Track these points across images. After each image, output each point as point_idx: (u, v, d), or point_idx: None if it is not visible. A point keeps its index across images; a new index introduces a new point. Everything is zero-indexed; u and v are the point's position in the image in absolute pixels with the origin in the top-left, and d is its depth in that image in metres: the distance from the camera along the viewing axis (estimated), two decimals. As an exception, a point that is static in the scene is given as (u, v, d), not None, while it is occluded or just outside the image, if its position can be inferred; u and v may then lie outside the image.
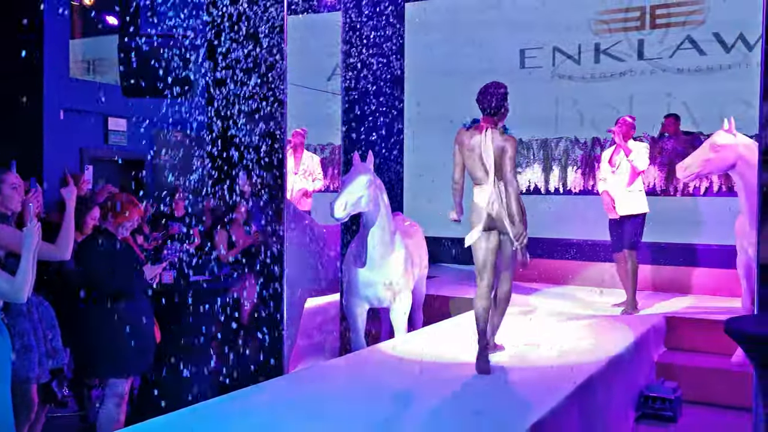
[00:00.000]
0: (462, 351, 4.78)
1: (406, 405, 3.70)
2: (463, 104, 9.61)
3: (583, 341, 5.09)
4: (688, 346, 5.98)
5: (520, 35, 9.62)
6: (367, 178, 4.96)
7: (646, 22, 9.12)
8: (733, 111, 8.05)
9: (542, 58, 9.63)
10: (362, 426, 3.36)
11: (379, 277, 5.24)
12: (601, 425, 4.26)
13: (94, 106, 8.76)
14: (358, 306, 5.37)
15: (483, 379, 4.17)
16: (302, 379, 4.33)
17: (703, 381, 5.45)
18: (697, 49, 8.81)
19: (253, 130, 5.26)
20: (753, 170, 5.32)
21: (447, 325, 5.81)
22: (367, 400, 3.75)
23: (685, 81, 8.80)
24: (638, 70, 9.14)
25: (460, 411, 3.61)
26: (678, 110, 8.36)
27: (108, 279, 4.00)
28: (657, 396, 5.08)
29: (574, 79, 9.45)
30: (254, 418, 3.50)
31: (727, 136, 5.58)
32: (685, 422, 5.10)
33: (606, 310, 6.35)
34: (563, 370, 4.33)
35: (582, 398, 3.96)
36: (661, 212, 7.24)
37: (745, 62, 8.46)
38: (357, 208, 4.93)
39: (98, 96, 8.75)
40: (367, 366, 4.58)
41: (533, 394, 3.84)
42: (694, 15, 8.84)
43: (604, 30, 9.34)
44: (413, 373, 4.32)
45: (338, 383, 4.15)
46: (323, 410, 3.61)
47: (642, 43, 9.13)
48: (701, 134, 7.45)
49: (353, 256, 5.35)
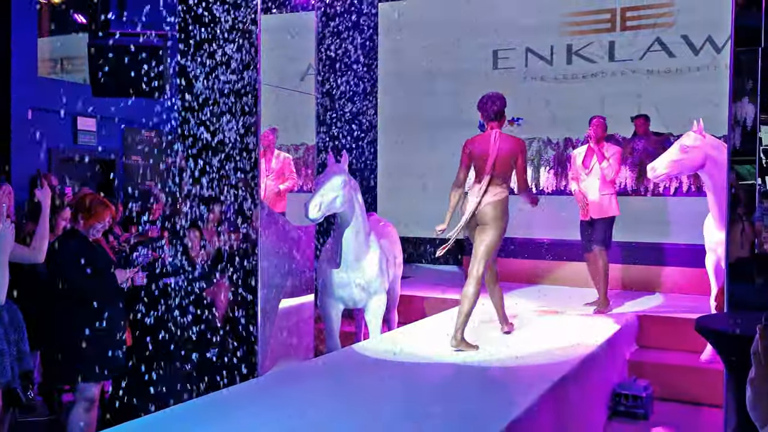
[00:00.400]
0: (437, 351, 4.79)
1: (381, 406, 3.70)
2: (436, 104, 9.69)
3: (556, 340, 5.13)
4: (659, 344, 6.06)
5: (493, 36, 9.67)
6: (342, 179, 4.95)
7: (616, 24, 9.23)
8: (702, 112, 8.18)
9: (515, 59, 9.70)
10: (337, 427, 3.34)
11: (354, 277, 5.23)
12: (574, 423, 4.30)
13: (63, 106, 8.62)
14: (332, 307, 5.36)
15: (458, 379, 4.18)
16: (277, 381, 4.30)
17: (674, 378, 5.53)
18: (667, 51, 8.93)
19: (225, 130, 5.22)
20: (721, 171, 5.41)
21: (422, 325, 5.82)
22: (342, 401, 3.74)
23: (655, 82, 8.92)
24: (609, 71, 9.24)
25: (436, 411, 3.61)
26: (648, 111, 8.47)
27: (78, 281, 3.93)
28: (629, 394, 5.14)
29: (547, 80, 9.52)
30: (229, 420, 3.47)
31: (696, 137, 5.67)
32: (656, 419, 5.17)
33: (579, 310, 6.41)
34: (538, 369, 4.36)
35: (556, 397, 3.99)
36: (632, 212, 7.33)
37: (713, 64, 8.60)
38: (331, 209, 4.92)
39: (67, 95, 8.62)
40: (341, 367, 4.56)
41: (508, 393, 3.86)
42: (663, 17, 8.96)
43: (576, 31, 9.44)
44: (388, 373, 4.32)
45: (313, 384, 4.13)
46: (298, 411, 3.59)
47: (613, 44, 9.24)
48: (671, 135, 7.56)
49: (328, 257, 5.33)
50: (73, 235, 4.08)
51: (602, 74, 9.29)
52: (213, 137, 5.25)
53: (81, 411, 4.07)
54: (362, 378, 4.25)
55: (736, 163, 5.20)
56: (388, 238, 5.86)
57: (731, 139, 5.17)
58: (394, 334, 5.57)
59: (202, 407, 3.70)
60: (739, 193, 5.16)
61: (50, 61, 10.44)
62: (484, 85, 9.57)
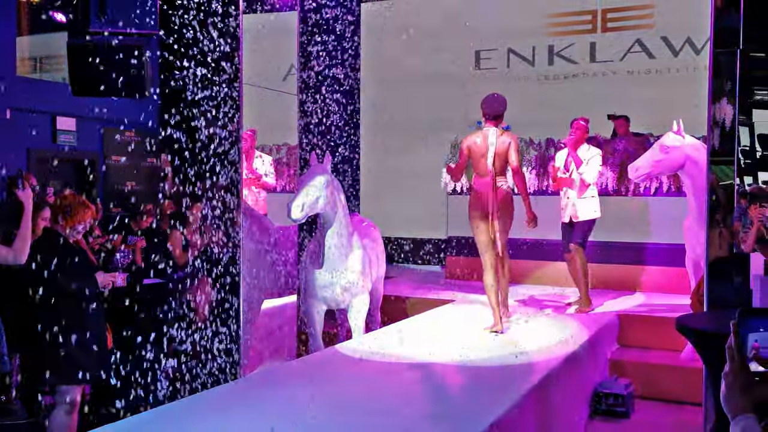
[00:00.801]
0: (420, 351, 4.79)
1: (364, 406, 3.69)
2: (419, 104, 9.70)
3: (538, 340, 5.16)
4: (640, 343, 6.10)
5: (475, 37, 9.71)
6: (324, 179, 4.94)
7: (597, 26, 9.30)
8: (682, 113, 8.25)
9: (497, 60, 9.74)
10: (320, 428, 3.33)
11: (337, 278, 5.22)
12: (556, 422, 4.32)
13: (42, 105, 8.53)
14: (315, 307, 5.34)
15: (441, 379, 4.19)
16: (259, 382, 4.29)
17: (654, 377, 5.58)
18: (647, 53, 9.01)
19: (207, 130, 5.18)
20: (701, 171, 5.47)
21: (405, 326, 5.82)
22: (325, 402, 3.73)
23: (635, 83, 8.99)
24: (590, 72, 9.31)
25: (419, 411, 3.61)
26: (628, 112, 8.54)
27: (58, 283, 3.88)
28: (610, 392, 5.17)
29: (529, 80, 9.57)
30: (211, 422, 3.45)
31: (675, 137, 5.72)
32: (637, 418, 5.20)
33: (560, 309, 6.44)
34: (520, 368, 4.38)
35: (538, 396, 4.01)
36: (613, 212, 7.38)
37: (692, 66, 8.69)
38: (314, 209, 4.91)
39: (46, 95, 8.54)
40: (324, 367, 4.55)
41: (491, 393, 3.87)
42: (643, 19, 9.04)
43: (557, 33, 9.49)
44: (371, 374, 4.32)
45: (295, 385, 4.11)
46: (280, 413, 3.58)
47: (594, 46, 9.31)
48: (651, 136, 7.62)
49: (310, 258, 5.32)
50: (53, 236, 4.03)
51: (583, 75, 9.36)
52: (194, 137, 5.22)
53: (62, 414, 4.03)
54: (345, 378, 4.24)
55: (716, 163, 5.26)
56: (370, 238, 5.86)
57: (710, 139, 5.23)
58: (377, 334, 5.57)
59: (183, 410, 3.68)
60: (719, 193, 5.22)
61: (29, 60, 10.33)
62: (466, 86, 9.65)
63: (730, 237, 5.05)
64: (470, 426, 3.36)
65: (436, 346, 4.93)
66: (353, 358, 4.71)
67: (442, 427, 3.39)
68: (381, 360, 4.61)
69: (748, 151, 12.68)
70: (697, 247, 5.68)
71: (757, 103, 12.14)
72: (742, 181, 5.50)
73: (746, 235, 4.93)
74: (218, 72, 5.15)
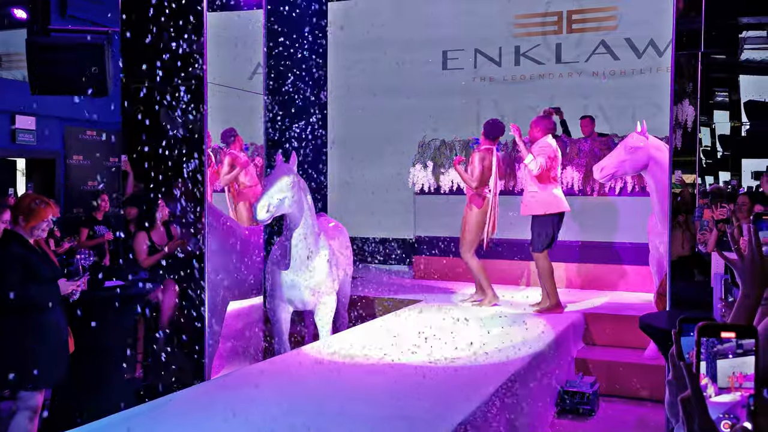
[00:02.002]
0: (387, 352, 4.78)
1: (331, 408, 3.66)
2: (385, 104, 9.69)
3: (505, 339, 5.18)
4: (605, 341, 6.17)
5: (442, 37, 9.73)
6: (290, 179, 4.89)
7: (563, 27, 9.38)
8: (645, 114, 8.38)
9: (464, 60, 9.77)
10: (285, 430, 3.30)
11: (303, 279, 5.18)
12: (522, 421, 4.34)
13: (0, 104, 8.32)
14: (282, 309, 5.30)
15: (407, 380, 4.18)
16: (225, 384, 4.23)
17: (618, 375, 5.64)
18: (611, 54, 9.12)
19: (170, 129, 5.11)
20: (664, 171, 5.55)
21: (372, 326, 5.80)
22: (292, 404, 3.69)
23: (600, 84, 9.10)
24: (556, 72, 9.39)
25: (387, 413, 3.60)
26: (594, 112, 8.64)
27: (19, 288, 3.77)
28: (576, 391, 5.22)
29: (496, 80, 9.62)
30: (176, 425, 3.39)
31: (639, 138, 5.79)
32: (602, 415, 5.26)
33: (528, 308, 6.48)
34: (487, 368, 4.39)
35: (505, 396, 4.02)
36: (578, 212, 7.45)
37: (655, 67, 8.82)
38: (280, 210, 4.86)
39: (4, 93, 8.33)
40: (291, 369, 4.51)
41: (457, 394, 3.87)
42: (607, 21, 9.15)
43: (524, 33, 9.56)
44: (338, 375, 4.29)
45: (262, 387, 4.07)
46: (247, 415, 3.53)
47: (560, 46, 9.39)
48: (615, 136, 7.71)
49: (276, 259, 5.27)
50: (13, 237, 3.92)
51: (550, 75, 9.43)
52: (157, 136, 5.14)
53: (23, 420, 3.93)
54: (311, 380, 4.21)
55: (678, 163, 5.34)
56: (337, 239, 5.83)
57: (673, 140, 5.31)
58: (344, 335, 5.54)
59: (147, 414, 3.61)
60: (682, 192, 5.29)
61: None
62: (433, 86, 9.67)
63: (692, 237, 5.13)
64: (438, 427, 3.35)
65: (403, 347, 4.92)
66: (320, 360, 4.68)
67: (410, 428, 3.38)
68: (348, 361, 4.59)
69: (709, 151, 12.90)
70: (660, 246, 5.77)
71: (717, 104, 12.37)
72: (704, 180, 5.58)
73: (704, 236, 5.01)
74: (182, 70, 5.08)
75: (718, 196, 7.41)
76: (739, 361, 1.11)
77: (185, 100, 5.05)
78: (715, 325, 1.12)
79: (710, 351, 1.11)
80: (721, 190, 7.72)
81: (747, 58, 10.70)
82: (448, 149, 8.11)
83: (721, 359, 1.11)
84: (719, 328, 1.12)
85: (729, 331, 1.11)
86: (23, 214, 3.92)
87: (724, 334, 1.11)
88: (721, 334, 1.11)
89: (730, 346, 1.11)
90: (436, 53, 9.89)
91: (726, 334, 1.11)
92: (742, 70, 11.08)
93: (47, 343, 3.87)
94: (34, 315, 3.85)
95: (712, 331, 1.11)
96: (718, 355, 1.11)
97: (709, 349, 1.11)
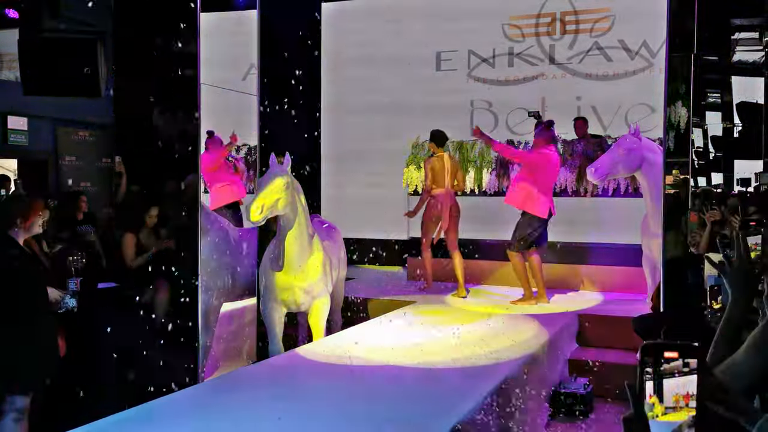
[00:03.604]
0: (381, 353, 4.77)
1: (325, 410, 3.65)
2: (380, 106, 9.68)
3: (499, 341, 5.18)
4: (598, 342, 6.18)
5: (436, 38, 9.73)
6: (284, 180, 4.87)
7: (556, 28, 9.40)
8: (638, 115, 8.40)
9: (457, 61, 9.78)
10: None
11: (297, 280, 5.17)
12: (517, 423, 4.34)
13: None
14: (275, 310, 5.28)
15: (401, 382, 4.17)
16: (219, 387, 4.21)
17: (612, 376, 5.64)
18: (604, 55, 9.14)
19: (163, 131, 5.09)
20: (657, 172, 5.56)
21: (366, 328, 5.79)
22: (285, 406, 3.68)
23: (593, 86, 9.12)
24: (550, 74, 9.41)
25: (381, 415, 3.58)
26: (587, 114, 8.65)
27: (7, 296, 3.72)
28: (569, 392, 5.22)
29: (489, 81, 9.63)
30: (169, 428, 3.38)
31: (632, 139, 5.81)
32: (596, 417, 5.26)
33: (521, 309, 6.48)
34: (480, 370, 4.38)
35: (499, 398, 4.02)
36: (571, 212, 7.46)
37: (648, 69, 8.84)
38: (274, 211, 4.84)
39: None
40: (285, 371, 4.50)
41: (451, 397, 3.86)
42: (600, 22, 9.17)
43: (517, 35, 9.57)
44: (332, 377, 4.28)
45: (256, 389, 4.06)
46: (240, 418, 3.52)
47: (553, 48, 9.41)
48: (609, 137, 7.73)
49: (270, 260, 5.25)
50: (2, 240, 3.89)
51: (543, 77, 9.44)
52: (150, 138, 5.12)
53: (10, 422, 3.90)
54: (305, 382, 4.20)
55: (671, 164, 5.35)
56: (331, 240, 5.82)
57: (666, 141, 5.32)
58: (338, 337, 5.53)
59: (139, 417, 3.59)
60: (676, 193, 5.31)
61: (-22, 57, 10.01)
62: (427, 87, 9.67)
63: (685, 238, 5.15)
64: (431, 429, 3.34)
65: (397, 348, 4.92)
66: (314, 361, 4.66)
67: (404, 430, 3.37)
68: (341, 363, 4.58)
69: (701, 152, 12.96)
70: (653, 247, 5.78)
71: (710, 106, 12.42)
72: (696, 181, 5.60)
73: (694, 238, 5.03)
74: (176, 71, 5.06)
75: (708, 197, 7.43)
76: (685, 380, 1.10)
77: (179, 100, 5.03)
78: (658, 345, 1.11)
79: (656, 370, 1.11)
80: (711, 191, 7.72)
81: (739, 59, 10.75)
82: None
83: (667, 378, 1.11)
84: (662, 348, 1.11)
85: (672, 351, 1.11)
86: (20, 214, 3.88)
87: (668, 354, 1.11)
88: (665, 354, 1.11)
89: (677, 365, 1.11)
90: (430, 54, 9.89)
91: (669, 354, 1.11)
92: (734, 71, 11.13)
93: (34, 346, 3.84)
94: (21, 319, 3.81)
95: (656, 350, 1.11)
96: (665, 375, 1.11)
97: (655, 368, 1.11)
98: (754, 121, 11.45)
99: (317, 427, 3.40)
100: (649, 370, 1.10)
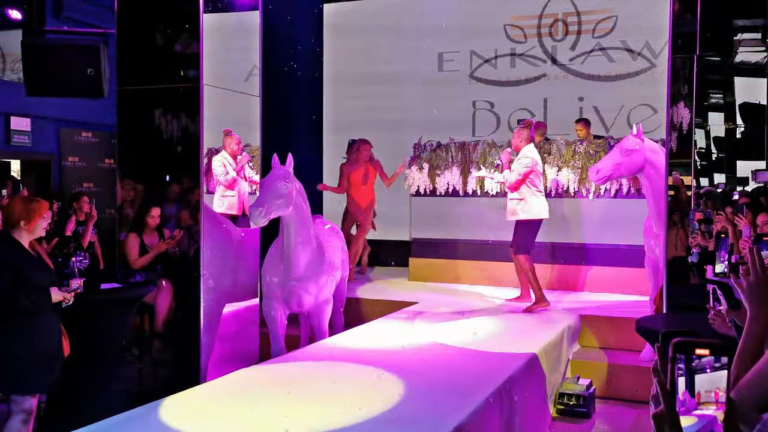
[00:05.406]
0: (383, 354, 4.77)
1: (326, 410, 3.66)
2: (381, 107, 9.68)
3: (500, 342, 5.18)
4: (601, 343, 6.17)
5: (438, 39, 9.73)
6: (287, 182, 4.88)
7: (559, 29, 9.39)
8: (641, 116, 8.39)
9: (460, 62, 9.77)
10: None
11: (299, 281, 5.17)
12: (519, 424, 4.33)
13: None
14: (277, 311, 5.28)
15: (404, 382, 4.17)
16: (221, 387, 4.21)
17: (615, 377, 5.64)
18: (607, 56, 9.13)
19: (166, 132, 5.10)
20: (659, 173, 5.55)
21: (367, 328, 5.79)
22: (287, 407, 3.68)
23: (595, 86, 9.11)
24: (552, 75, 9.40)
25: (382, 415, 3.59)
26: (589, 115, 8.65)
27: (10, 295, 3.72)
28: (572, 393, 5.22)
29: (491, 82, 9.63)
30: (171, 430, 3.38)
31: (635, 140, 5.79)
32: (598, 417, 5.26)
33: (522, 311, 6.47)
34: (483, 371, 4.38)
35: (502, 399, 4.02)
36: (574, 213, 7.46)
37: (651, 70, 8.84)
38: (276, 213, 4.85)
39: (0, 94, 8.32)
40: (287, 371, 4.50)
41: (454, 397, 3.86)
42: (602, 23, 9.16)
43: (520, 35, 9.57)
44: (333, 377, 4.28)
45: (257, 390, 4.06)
46: (243, 418, 3.53)
47: (555, 49, 9.40)
48: (611, 138, 7.72)
49: (273, 261, 5.26)
50: (5, 241, 3.89)
51: (545, 77, 9.44)
52: (154, 138, 5.13)
53: (17, 423, 3.90)
54: (306, 382, 4.20)
55: (674, 165, 5.35)
56: (333, 241, 5.82)
57: (669, 142, 5.32)
58: (340, 337, 5.54)
59: (142, 417, 3.60)
60: (678, 194, 5.30)
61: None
62: (429, 88, 9.67)
63: (686, 239, 5.14)
64: (435, 429, 3.34)
65: (398, 349, 4.92)
66: (316, 362, 4.66)
67: (408, 431, 3.37)
68: (343, 363, 4.58)
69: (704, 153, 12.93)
70: (655, 248, 5.77)
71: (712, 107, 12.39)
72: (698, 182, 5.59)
73: (695, 240, 5.01)
74: (178, 72, 5.07)
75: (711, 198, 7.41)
76: (716, 376, 1.11)
77: (181, 101, 5.04)
78: (690, 342, 1.12)
79: (688, 366, 1.11)
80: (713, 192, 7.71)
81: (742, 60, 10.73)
82: (444, 151, 8.11)
83: (699, 374, 1.11)
84: (694, 345, 1.12)
85: (703, 348, 1.11)
86: (23, 216, 3.87)
87: (699, 351, 1.11)
88: (696, 351, 1.11)
89: (708, 361, 1.11)
90: (432, 55, 9.89)
91: (700, 351, 1.11)
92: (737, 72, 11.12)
93: (38, 348, 3.84)
94: (25, 320, 3.81)
95: (687, 347, 1.11)
96: (695, 371, 1.11)
97: (687, 364, 1.11)
98: (756, 122, 11.45)
99: (320, 428, 3.40)
100: (681, 366, 1.10)
